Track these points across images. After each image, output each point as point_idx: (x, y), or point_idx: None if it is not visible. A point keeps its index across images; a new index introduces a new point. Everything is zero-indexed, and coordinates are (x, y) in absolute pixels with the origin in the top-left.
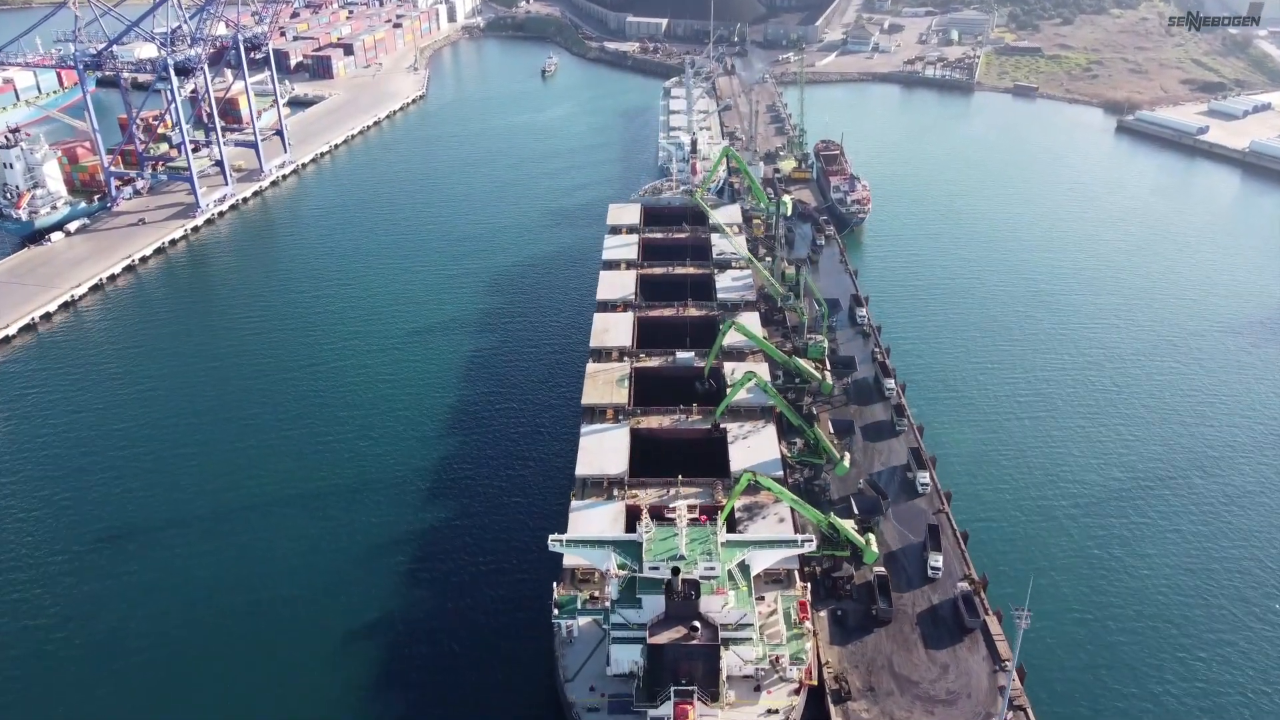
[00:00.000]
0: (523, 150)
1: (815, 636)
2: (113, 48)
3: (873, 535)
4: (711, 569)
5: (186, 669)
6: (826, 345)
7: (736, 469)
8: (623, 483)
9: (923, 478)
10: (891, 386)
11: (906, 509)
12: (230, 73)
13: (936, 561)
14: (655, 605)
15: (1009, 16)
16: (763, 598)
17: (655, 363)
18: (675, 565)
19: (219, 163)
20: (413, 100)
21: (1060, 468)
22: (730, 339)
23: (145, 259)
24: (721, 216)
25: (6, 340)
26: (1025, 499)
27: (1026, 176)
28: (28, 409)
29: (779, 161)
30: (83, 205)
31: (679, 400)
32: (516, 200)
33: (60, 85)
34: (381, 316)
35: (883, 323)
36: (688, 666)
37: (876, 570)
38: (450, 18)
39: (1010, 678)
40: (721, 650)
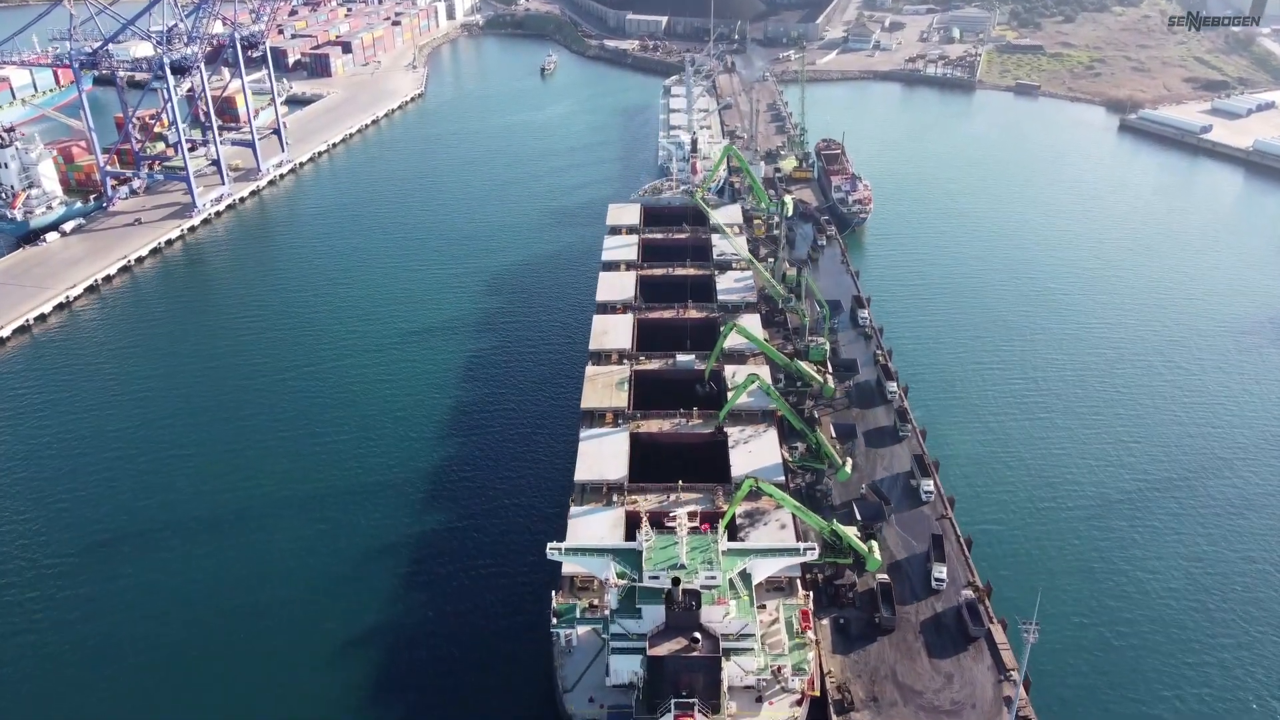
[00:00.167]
0: (522, 149)
1: (818, 646)
2: (108, 46)
3: (875, 542)
4: (712, 578)
5: (184, 672)
6: (828, 347)
7: (737, 474)
8: (622, 488)
9: (926, 485)
10: (894, 389)
11: (910, 517)
12: (227, 71)
13: (940, 572)
14: (655, 615)
15: (1010, 14)
16: (764, 606)
17: (655, 365)
18: (675, 575)
19: (216, 162)
20: (411, 99)
21: (1065, 471)
22: (731, 341)
23: (141, 259)
24: (722, 217)
25: (1, 342)
26: (1029, 504)
27: (1029, 176)
28: (22, 411)
29: (780, 161)
30: (78, 205)
31: (679, 404)
32: (515, 199)
33: (57, 84)
34: (379, 317)
35: (884, 324)
36: (688, 678)
37: (879, 578)
38: (449, 15)
39: (1018, 690)
40: (722, 661)
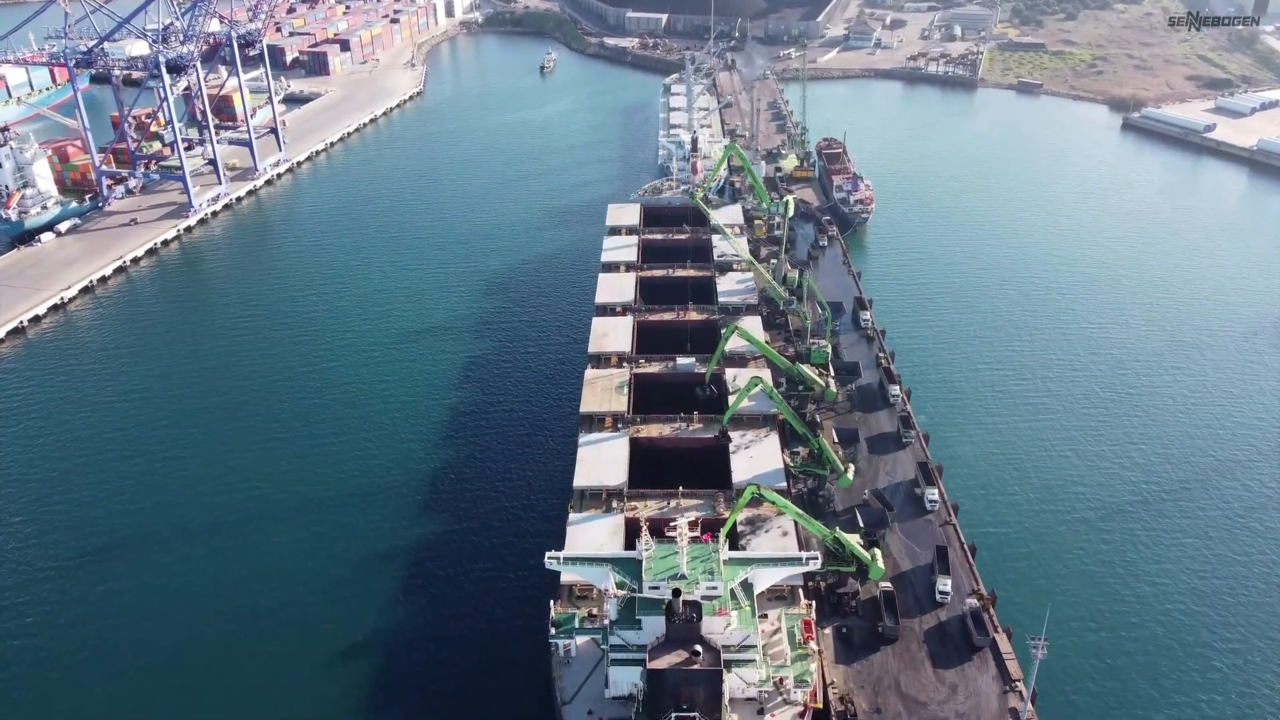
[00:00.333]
0: (520, 148)
1: (820, 656)
2: (103, 44)
3: (878, 550)
4: (713, 588)
5: (180, 676)
6: (829, 350)
7: (739, 480)
8: (622, 494)
9: (931, 494)
10: (896, 393)
11: (914, 526)
12: (224, 69)
13: (945, 585)
14: (655, 627)
15: (1012, 11)
16: (765, 615)
17: (655, 368)
18: (676, 586)
19: (212, 161)
20: (410, 97)
21: (1070, 475)
22: (732, 344)
23: (137, 260)
24: (722, 217)
25: None
26: (1034, 508)
27: (1032, 175)
28: (16, 414)
29: (780, 160)
30: (74, 205)
31: (679, 408)
32: (514, 199)
33: (53, 82)
34: (377, 319)
35: (887, 326)
36: (689, 692)
37: (883, 586)
38: (448, 13)
39: (1025, 704)
40: (724, 673)
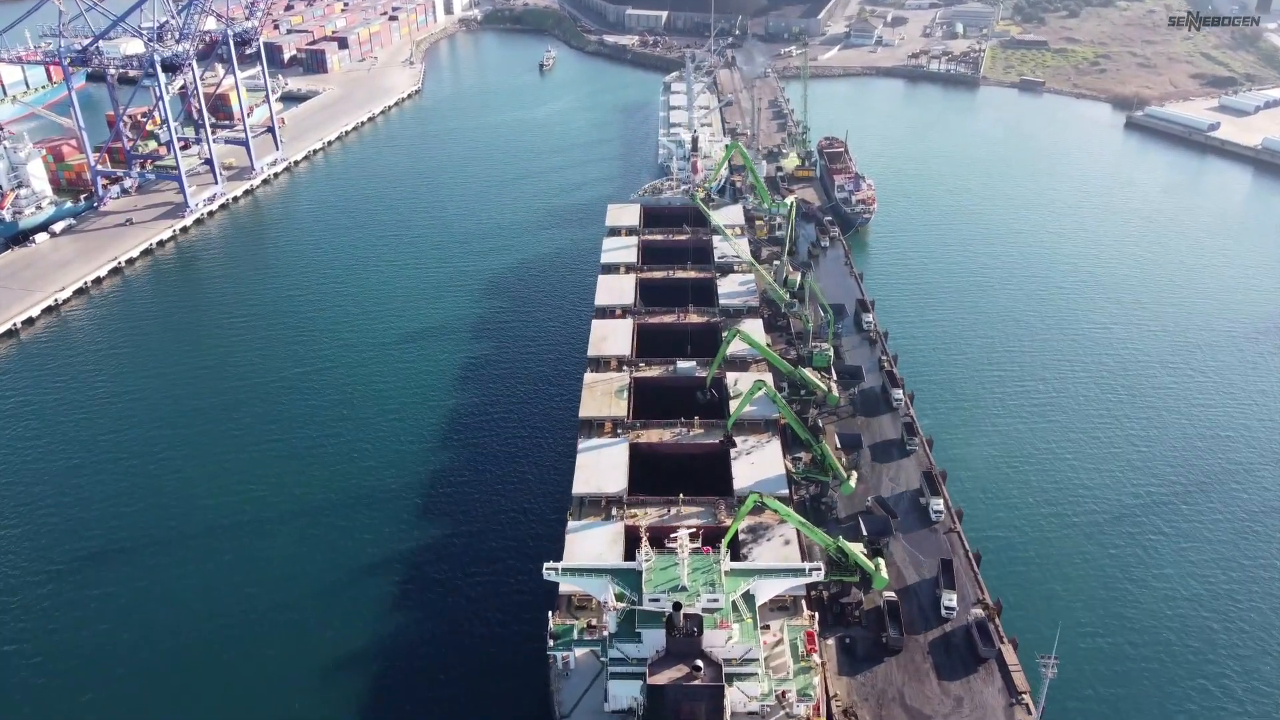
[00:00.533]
0: (519, 147)
1: (823, 668)
2: (98, 43)
3: (882, 559)
4: (715, 600)
5: (173, 684)
6: (832, 353)
7: (740, 486)
8: (621, 501)
9: (936, 504)
10: (900, 397)
11: (918, 537)
12: (221, 67)
13: (951, 600)
14: (655, 640)
15: (1014, 9)
16: (767, 626)
17: (655, 372)
18: (676, 599)
19: (208, 161)
20: (408, 95)
21: (1076, 480)
22: (733, 347)
23: (132, 260)
24: (723, 217)
25: None
26: (1039, 513)
27: (1035, 175)
28: (9, 418)
29: (781, 160)
30: (68, 205)
31: (679, 412)
32: (513, 199)
33: (49, 80)
34: (374, 321)
35: (889, 328)
36: (690, 708)
37: (886, 596)
38: (447, 10)
39: None
40: (725, 688)
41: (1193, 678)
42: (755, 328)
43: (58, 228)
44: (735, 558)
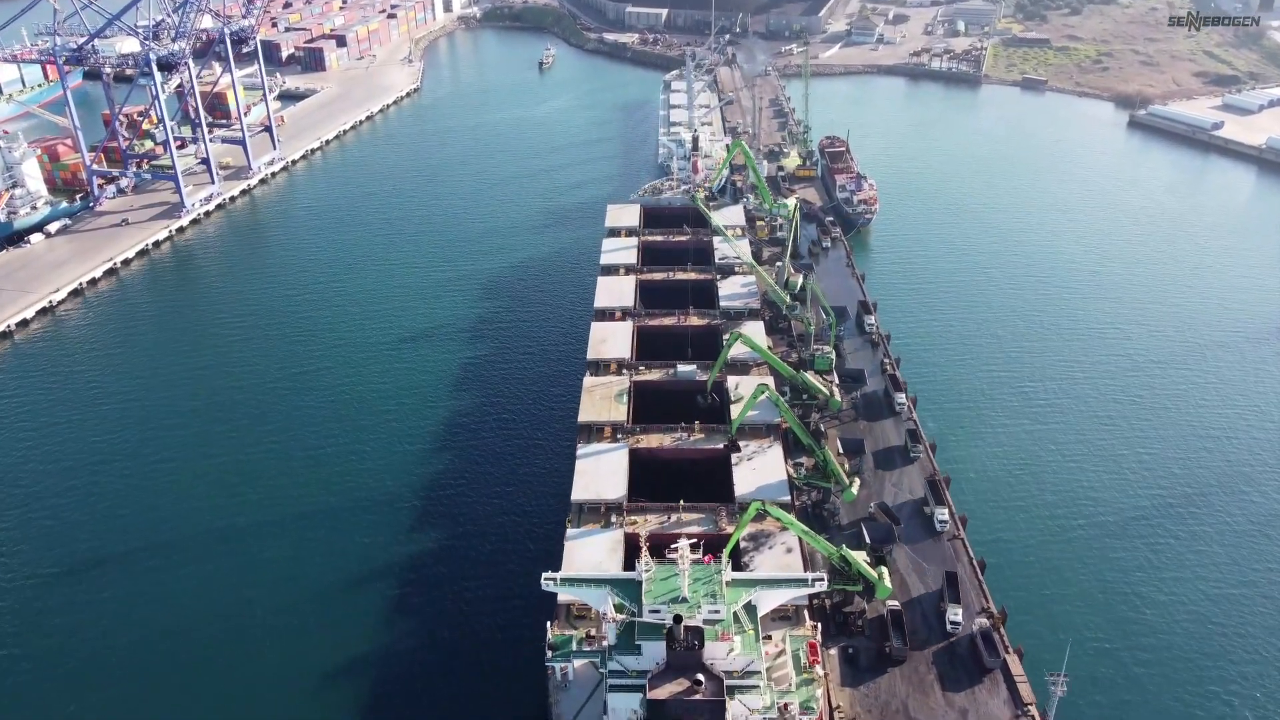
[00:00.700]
0: (518, 146)
1: (826, 680)
2: (94, 41)
3: (885, 568)
4: (716, 612)
5: (167, 693)
6: (834, 356)
7: (741, 493)
8: (621, 508)
9: (941, 514)
10: (902, 401)
11: (923, 548)
12: (218, 65)
13: (956, 615)
14: (656, 652)
15: (1015, 6)
16: (769, 636)
17: (655, 376)
18: (677, 611)
19: (205, 160)
20: (407, 94)
21: (1082, 485)
22: (734, 350)
23: (128, 262)
24: (724, 218)
25: None
26: (1045, 520)
27: (1038, 175)
28: (1, 422)
29: (782, 159)
30: (64, 205)
31: (679, 417)
32: (512, 199)
33: (46, 79)
34: (371, 322)
35: (892, 330)
36: None
37: (890, 605)
38: (446, 7)
39: None
40: (727, 702)
41: (1202, 683)
42: (756, 330)
43: (53, 228)
44: (737, 566)
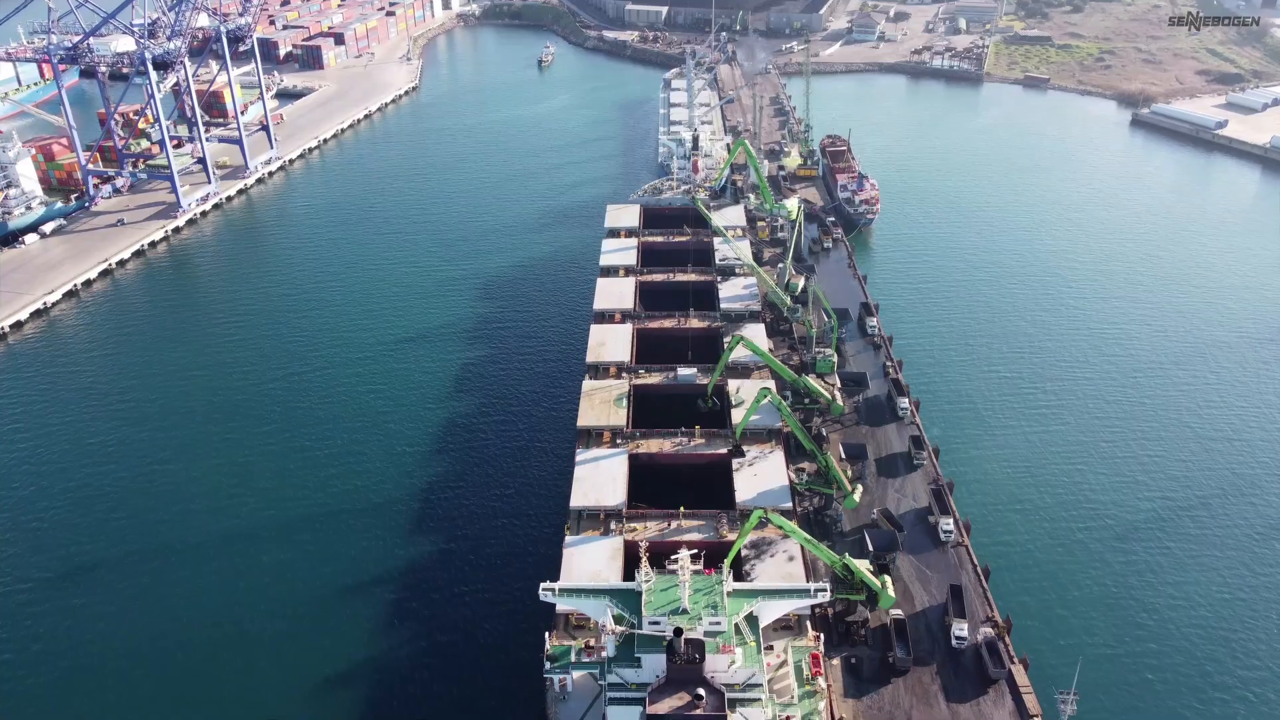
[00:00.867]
0: (517, 145)
1: (829, 692)
2: (89, 40)
3: (888, 577)
4: (717, 623)
5: (160, 702)
6: (835, 359)
7: (743, 499)
8: (620, 515)
9: (946, 524)
10: (905, 406)
11: (928, 558)
12: (215, 63)
13: (962, 630)
14: (655, 664)
15: (1017, 3)
16: (771, 647)
17: (655, 379)
18: (677, 624)
19: (201, 159)
20: (405, 92)
21: (1088, 489)
22: (735, 354)
23: (123, 262)
24: (724, 219)
25: None
26: (1050, 525)
27: (1041, 174)
28: None
29: (783, 158)
30: (59, 205)
31: (680, 421)
32: (511, 198)
33: (42, 77)
34: (369, 324)
35: (894, 332)
36: None
37: (893, 614)
38: (445, 5)
39: None
40: (728, 716)
41: (1211, 689)
42: (758, 333)
43: (48, 228)
44: (738, 575)
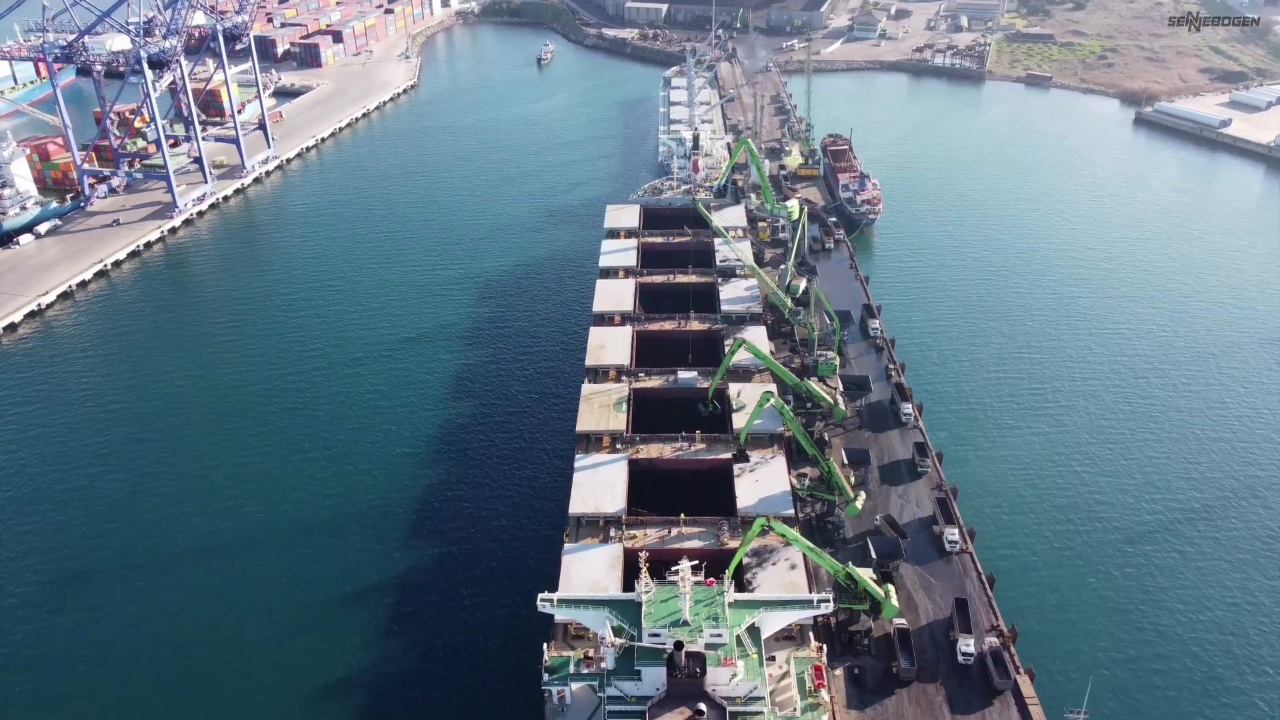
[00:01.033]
0: (517, 144)
1: (832, 704)
2: (85, 39)
3: (892, 586)
4: (718, 635)
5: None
6: (838, 363)
7: (744, 505)
8: (620, 522)
9: (951, 534)
10: (909, 411)
11: (932, 568)
12: (211, 62)
13: (968, 645)
14: (656, 677)
15: (1019, 1)
16: (773, 657)
17: (655, 383)
18: (678, 637)
19: (198, 159)
20: (404, 90)
21: (1094, 495)
22: (736, 357)
23: (119, 263)
24: (725, 219)
25: None
26: (1055, 531)
27: (1044, 174)
28: None
29: (784, 157)
30: (54, 205)
31: (680, 425)
32: (510, 198)
33: (38, 75)
34: (366, 326)
35: (897, 334)
36: None
37: (897, 623)
38: (444, 2)
39: None
40: None
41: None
42: (759, 336)
43: (43, 229)
44: (740, 583)
